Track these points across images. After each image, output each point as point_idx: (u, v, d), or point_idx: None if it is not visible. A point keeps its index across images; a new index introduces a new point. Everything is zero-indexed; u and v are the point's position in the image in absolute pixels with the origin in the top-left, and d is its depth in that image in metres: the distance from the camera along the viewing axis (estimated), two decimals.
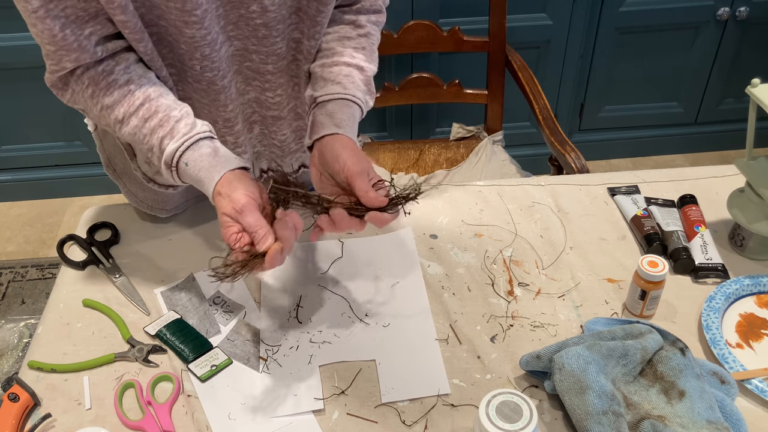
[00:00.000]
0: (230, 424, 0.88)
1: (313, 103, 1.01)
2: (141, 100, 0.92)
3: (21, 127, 2.32)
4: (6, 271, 2.21)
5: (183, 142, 0.91)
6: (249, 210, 0.86)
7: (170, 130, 0.91)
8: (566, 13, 2.20)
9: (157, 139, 0.91)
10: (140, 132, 0.92)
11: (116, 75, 0.91)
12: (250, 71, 1.03)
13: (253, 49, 1.00)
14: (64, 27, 0.85)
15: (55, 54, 0.88)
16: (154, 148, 0.92)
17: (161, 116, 0.91)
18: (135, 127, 0.92)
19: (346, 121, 0.97)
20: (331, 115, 0.97)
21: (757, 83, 1.03)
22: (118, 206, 1.21)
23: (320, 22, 1.00)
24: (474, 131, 1.92)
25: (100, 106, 0.92)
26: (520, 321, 1.01)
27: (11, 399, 0.88)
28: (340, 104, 0.99)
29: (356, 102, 1.00)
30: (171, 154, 0.91)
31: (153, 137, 0.91)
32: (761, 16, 2.27)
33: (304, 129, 1.14)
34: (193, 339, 0.98)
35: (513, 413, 0.76)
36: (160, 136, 0.91)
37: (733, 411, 0.86)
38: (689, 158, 2.62)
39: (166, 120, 0.91)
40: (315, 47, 1.03)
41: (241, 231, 0.86)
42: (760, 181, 1.07)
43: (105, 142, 1.14)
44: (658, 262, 0.97)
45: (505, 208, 1.21)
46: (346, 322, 1.01)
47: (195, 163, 0.91)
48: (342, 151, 0.92)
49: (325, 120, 0.97)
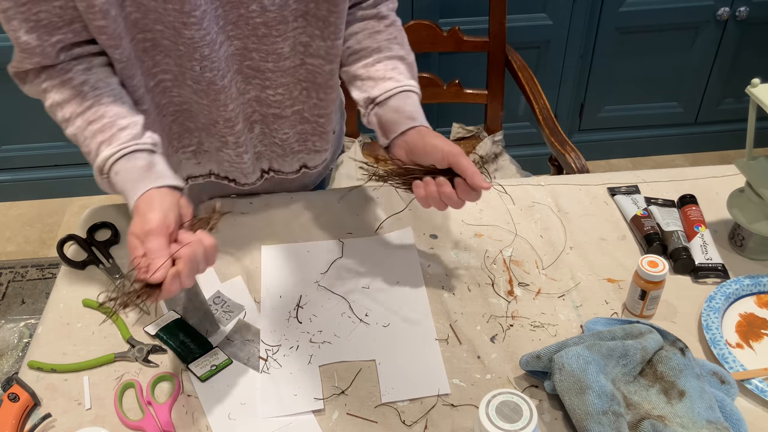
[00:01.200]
0: (230, 424, 0.88)
1: (371, 104, 1.01)
2: (90, 101, 0.89)
3: (21, 127, 2.32)
4: (6, 271, 2.21)
5: (118, 150, 0.87)
6: (155, 235, 0.80)
7: (110, 136, 0.88)
8: (566, 13, 2.20)
9: (95, 143, 0.88)
10: (82, 134, 0.89)
11: (73, 74, 0.90)
12: (250, 69, 1.03)
13: (253, 47, 1.00)
14: (30, 31, 0.83)
15: (20, 53, 0.87)
16: (91, 153, 0.89)
17: (106, 121, 0.89)
18: (78, 128, 0.90)
19: (416, 111, 0.98)
20: (398, 110, 0.98)
21: (757, 83, 1.03)
22: (118, 206, 1.21)
23: (334, 22, 0.99)
24: (474, 131, 1.92)
25: (50, 102, 0.91)
26: (520, 321, 1.01)
27: (11, 399, 0.88)
28: (402, 97, 0.99)
29: (413, 91, 1.01)
30: (104, 161, 0.87)
31: (92, 141, 0.89)
32: (761, 16, 2.27)
33: (310, 132, 1.14)
34: (193, 339, 0.98)
35: (513, 413, 0.76)
36: (99, 141, 0.88)
37: (733, 411, 0.86)
38: (689, 158, 2.62)
39: (110, 126, 0.89)
40: (334, 47, 1.02)
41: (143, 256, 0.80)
42: (760, 181, 1.07)
43: None
44: (658, 262, 0.97)
45: (505, 208, 1.21)
46: (346, 322, 1.01)
47: (125, 173, 0.86)
48: (435, 140, 0.93)
49: (395, 116, 0.98)
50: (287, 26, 0.99)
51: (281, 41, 1.00)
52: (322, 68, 1.05)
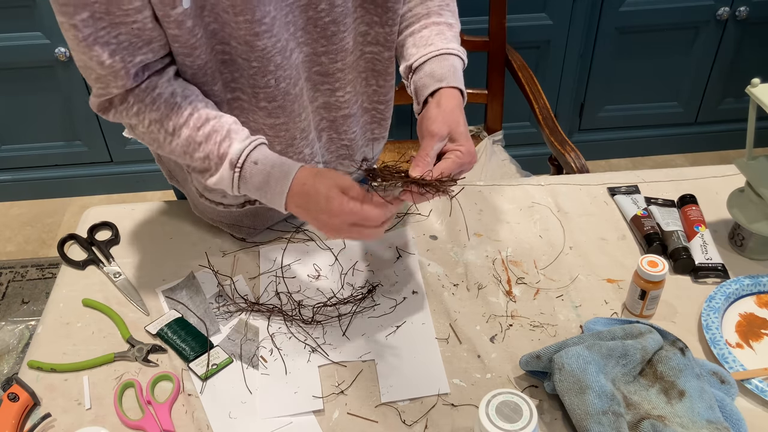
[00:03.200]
0: (230, 423, 0.88)
1: (410, 72, 1.00)
2: (189, 110, 0.90)
3: (21, 127, 2.32)
4: (6, 271, 2.21)
5: (250, 142, 0.90)
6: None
7: (227, 133, 0.90)
8: (566, 13, 2.20)
9: (214, 144, 0.89)
10: (194, 141, 0.90)
11: (160, 89, 0.90)
12: (319, 75, 1.01)
13: (322, 51, 0.98)
14: (113, 54, 0.83)
15: (104, 78, 0.86)
16: (211, 155, 0.90)
17: (214, 123, 0.90)
18: (188, 137, 0.90)
19: (446, 73, 0.96)
20: (431, 74, 0.97)
21: (757, 83, 1.03)
22: (118, 206, 1.21)
23: (391, 7, 0.98)
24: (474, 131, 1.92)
25: (147, 122, 0.90)
26: (520, 321, 1.01)
27: (11, 399, 0.88)
28: (438, 60, 0.98)
29: (453, 53, 0.99)
30: (239, 153, 0.89)
31: (209, 143, 0.90)
32: (761, 16, 2.27)
33: (369, 121, 1.13)
34: (193, 338, 0.98)
35: (513, 413, 0.76)
36: (217, 141, 0.89)
37: (733, 411, 0.86)
38: (689, 158, 2.62)
39: (220, 126, 0.90)
40: (392, 33, 1.01)
41: None
42: (760, 181, 1.07)
43: (164, 156, 1.12)
44: (658, 262, 0.97)
45: (505, 208, 1.21)
46: (346, 322, 1.01)
47: (266, 159, 0.89)
48: (432, 110, 0.92)
49: (427, 80, 0.96)
50: (350, 18, 0.98)
51: (347, 36, 0.98)
52: (381, 55, 1.04)
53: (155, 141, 0.93)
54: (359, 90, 1.08)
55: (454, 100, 0.94)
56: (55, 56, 2.12)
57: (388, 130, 1.19)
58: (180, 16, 0.83)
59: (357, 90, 1.07)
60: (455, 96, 0.95)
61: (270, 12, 0.87)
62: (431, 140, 0.91)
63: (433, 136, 0.91)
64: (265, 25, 0.87)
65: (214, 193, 1.06)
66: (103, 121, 2.30)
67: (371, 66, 1.06)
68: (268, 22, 0.88)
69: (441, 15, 1.03)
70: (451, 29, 1.03)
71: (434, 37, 1.00)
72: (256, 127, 1.01)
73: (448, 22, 1.03)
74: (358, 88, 1.07)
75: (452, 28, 1.03)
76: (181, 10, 0.82)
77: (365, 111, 1.11)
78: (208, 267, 1.10)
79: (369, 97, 1.10)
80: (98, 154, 2.40)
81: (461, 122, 0.93)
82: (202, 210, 1.13)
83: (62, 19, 0.81)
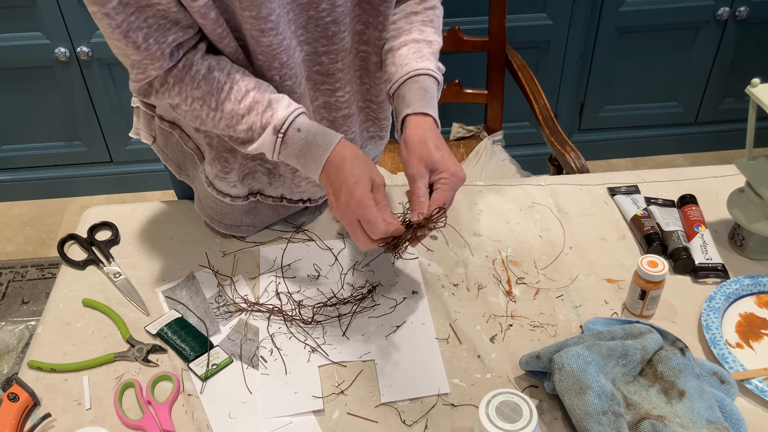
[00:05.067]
0: (230, 423, 0.88)
1: (389, 97, 1.01)
2: (229, 84, 0.92)
3: (21, 127, 2.32)
4: (6, 271, 2.21)
5: (294, 110, 0.92)
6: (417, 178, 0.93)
7: (268, 103, 0.92)
8: (566, 13, 2.20)
9: (257, 114, 0.91)
10: (237, 114, 0.92)
11: (197, 66, 0.91)
12: (319, 75, 1.02)
13: (323, 50, 0.99)
14: (147, 37, 0.85)
15: (140, 63, 0.88)
16: (254, 126, 0.92)
17: (254, 95, 0.92)
18: (230, 111, 0.92)
19: (414, 97, 0.97)
20: (403, 98, 0.98)
21: (757, 83, 1.03)
22: (118, 206, 1.21)
23: (383, 12, 0.99)
24: (474, 131, 1.92)
25: (190, 100, 0.92)
26: (520, 321, 1.01)
27: (11, 399, 0.88)
28: (409, 83, 0.98)
29: (424, 74, 0.99)
30: (284, 118, 0.91)
31: (251, 115, 0.92)
32: (761, 16, 2.27)
33: (363, 120, 1.14)
34: (194, 338, 0.98)
35: (513, 413, 0.76)
36: (259, 111, 0.91)
37: (733, 411, 0.86)
38: (689, 158, 2.62)
39: (261, 97, 0.92)
40: (381, 38, 1.02)
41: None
42: (760, 181, 1.07)
43: (169, 151, 1.13)
44: (658, 262, 0.97)
45: (505, 208, 1.21)
46: (346, 322, 1.01)
47: (310, 127, 0.92)
48: (403, 153, 0.95)
49: (400, 106, 0.98)
50: (349, 17, 0.98)
51: (347, 35, 0.99)
52: (371, 58, 1.04)
53: (198, 118, 0.94)
54: (357, 90, 1.08)
55: (419, 129, 0.95)
56: (55, 56, 2.12)
57: (388, 131, 1.19)
58: (202, 9, 0.84)
59: (355, 90, 1.08)
60: (421, 124, 0.95)
61: (275, 9, 0.88)
62: (414, 183, 0.93)
63: (414, 180, 0.93)
64: (271, 22, 0.88)
65: (223, 183, 1.07)
66: (103, 121, 2.30)
67: (365, 65, 1.06)
68: (274, 19, 0.88)
69: (422, 31, 1.03)
70: (430, 46, 1.02)
71: (411, 56, 1.00)
72: None
73: (428, 39, 1.02)
74: (357, 87, 1.08)
75: (431, 45, 1.03)
76: (202, 2, 0.84)
77: (361, 110, 1.12)
78: (208, 267, 1.10)
79: (363, 96, 1.10)
80: (98, 154, 2.40)
81: (432, 149, 0.93)
82: (205, 205, 1.13)
83: (94, 9, 0.82)
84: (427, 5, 1.05)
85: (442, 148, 0.94)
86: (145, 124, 1.11)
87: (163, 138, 1.11)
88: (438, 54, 1.04)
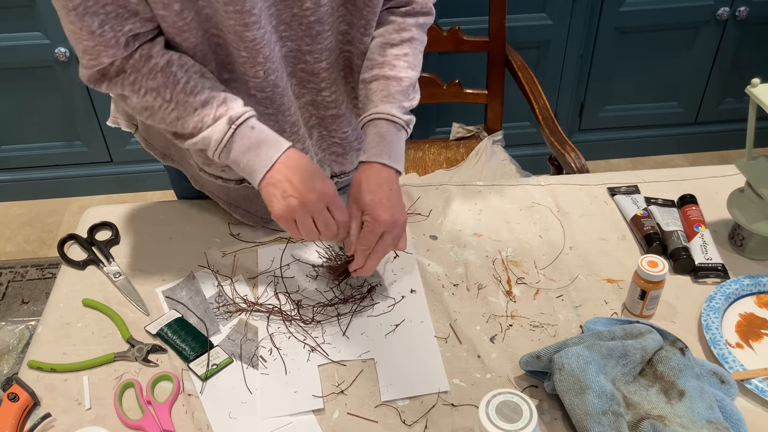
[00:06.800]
0: (230, 423, 0.88)
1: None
2: (185, 78, 0.92)
3: (21, 127, 2.32)
4: (6, 271, 2.21)
5: (249, 109, 0.93)
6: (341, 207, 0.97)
7: (224, 99, 0.93)
8: (566, 13, 2.20)
9: (210, 108, 0.92)
10: (190, 107, 0.92)
11: (156, 59, 0.91)
12: (305, 73, 1.02)
13: (307, 49, 0.99)
14: (103, 23, 0.85)
15: (93, 49, 0.88)
16: (206, 118, 0.92)
17: (210, 92, 0.93)
18: (185, 102, 0.92)
19: (370, 143, 0.99)
20: (363, 141, 1.01)
21: (757, 83, 1.03)
22: (118, 206, 1.21)
23: (366, 16, 0.99)
24: (474, 131, 1.92)
25: (144, 91, 0.92)
26: (520, 321, 1.01)
27: (11, 399, 0.88)
28: (369, 126, 1.01)
29: (381, 118, 1.00)
30: (240, 113, 0.92)
31: (206, 108, 0.92)
32: (761, 16, 2.27)
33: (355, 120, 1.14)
34: (194, 338, 0.98)
35: (513, 413, 0.76)
36: (214, 105, 0.92)
37: (733, 411, 0.86)
38: (689, 158, 2.62)
39: (217, 94, 0.93)
40: (365, 42, 1.02)
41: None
42: (760, 181, 1.07)
43: (152, 139, 1.13)
44: (658, 262, 0.97)
45: (505, 208, 1.21)
46: (345, 322, 1.01)
47: (261, 128, 0.94)
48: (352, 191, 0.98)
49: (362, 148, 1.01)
50: (333, 17, 0.98)
51: (331, 35, 0.99)
52: (354, 59, 1.04)
53: (148, 109, 0.94)
54: (344, 90, 1.08)
55: (365, 173, 0.98)
56: (55, 56, 2.12)
57: None
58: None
59: (340, 89, 1.08)
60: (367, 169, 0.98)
61: (257, 3, 0.88)
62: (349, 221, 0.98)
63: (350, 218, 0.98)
64: (254, 16, 0.88)
65: (213, 166, 1.07)
66: (103, 121, 2.30)
67: (348, 64, 1.06)
68: (257, 13, 0.89)
69: (394, 67, 1.02)
70: (400, 84, 1.02)
71: (377, 94, 1.01)
72: None
73: (398, 76, 1.02)
74: (341, 87, 1.08)
75: (401, 82, 1.02)
76: None
77: (350, 110, 1.12)
78: (207, 267, 1.10)
79: (349, 95, 1.10)
80: (98, 154, 2.40)
81: (364, 192, 0.96)
82: (203, 184, 1.14)
83: None
84: (405, 36, 1.04)
85: (377, 192, 0.96)
86: (125, 113, 1.12)
87: (145, 126, 1.11)
88: (410, 87, 1.03)
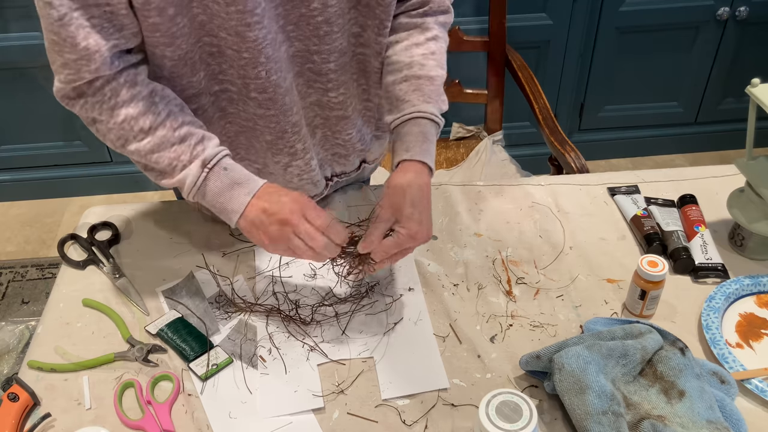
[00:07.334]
0: (230, 423, 0.88)
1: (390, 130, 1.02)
2: (166, 110, 0.92)
3: (21, 127, 2.32)
4: (6, 271, 2.21)
5: (222, 149, 0.94)
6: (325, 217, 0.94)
7: (202, 138, 0.94)
8: (566, 13, 2.20)
9: (188, 146, 0.92)
10: (167, 141, 0.92)
11: (140, 86, 0.91)
12: (312, 73, 1.01)
13: (315, 49, 0.98)
14: (87, 36, 0.83)
15: (75, 63, 0.85)
16: (182, 155, 0.92)
17: (189, 128, 0.93)
18: (162, 136, 0.92)
19: (413, 142, 0.97)
20: (402, 139, 0.99)
21: (757, 83, 1.03)
22: (118, 206, 1.21)
23: (379, 15, 0.98)
24: (474, 131, 1.92)
25: (122, 117, 0.91)
26: (520, 321, 1.01)
27: (11, 399, 0.88)
28: (410, 125, 0.99)
29: (425, 117, 0.99)
30: (214, 153, 0.93)
31: (182, 145, 0.92)
32: (761, 16, 2.27)
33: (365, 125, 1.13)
34: (194, 338, 0.98)
35: (513, 413, 0.76)
36: (192, 144, 0.93)
37: (733, 411, 0.86)
38: (689, 158, 2.62)
39: (195, 131, 0.94)
40: (381, 42, 1.01)
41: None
42: (760, 181, 1.07)
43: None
44: (658, 261, 0.97)
45: (505, 208, 1.21)
46: (345, 321, 1.01)
47: (236, 168, 0.94)
48: (384, 189, 0.96)
49: (398, 146, 0.99)
50: (344, 18, 0.97)
51: (340, 36, 0.98)
52: (370, 60, 1.04)
53: (121, 138, 0.92)
54: (355, 94, 1.08)
55: (408, 175, 0.95)
56: None
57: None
58: (161, 3, 0.83)
59: (353, 93, 1.07)
60: (410, 170, 0.96)
61: (260, 3, 0.88)
62: (376, 222, 0.95)
63: (379, 220, 0.95)
64: (257, 15, 0.88)
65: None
66: None
67: (362, 67, 1.06)
68: (260, 13, 0.88)
69: (423, 66, 1.01)
70: (433, 83, 1.01)
71: (411, 94, 1.00)
72: (246, 116, 1.01)
73: (429, 75, 1.01)
74: (354, 91, 1.07)
75: (434, 81, 1.01)
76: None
77: (359, 113, 1.11)
78: (207, 267, 1.10)
79: (360, 97, 1.10)
80: (98, 154, 2.40)
81: (407, 204, 0.93)
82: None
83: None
84: (429, 36, 1.04)
85: (418, 205, 0.94)
86: None
87: None
88: (441, 89, 1.03)
